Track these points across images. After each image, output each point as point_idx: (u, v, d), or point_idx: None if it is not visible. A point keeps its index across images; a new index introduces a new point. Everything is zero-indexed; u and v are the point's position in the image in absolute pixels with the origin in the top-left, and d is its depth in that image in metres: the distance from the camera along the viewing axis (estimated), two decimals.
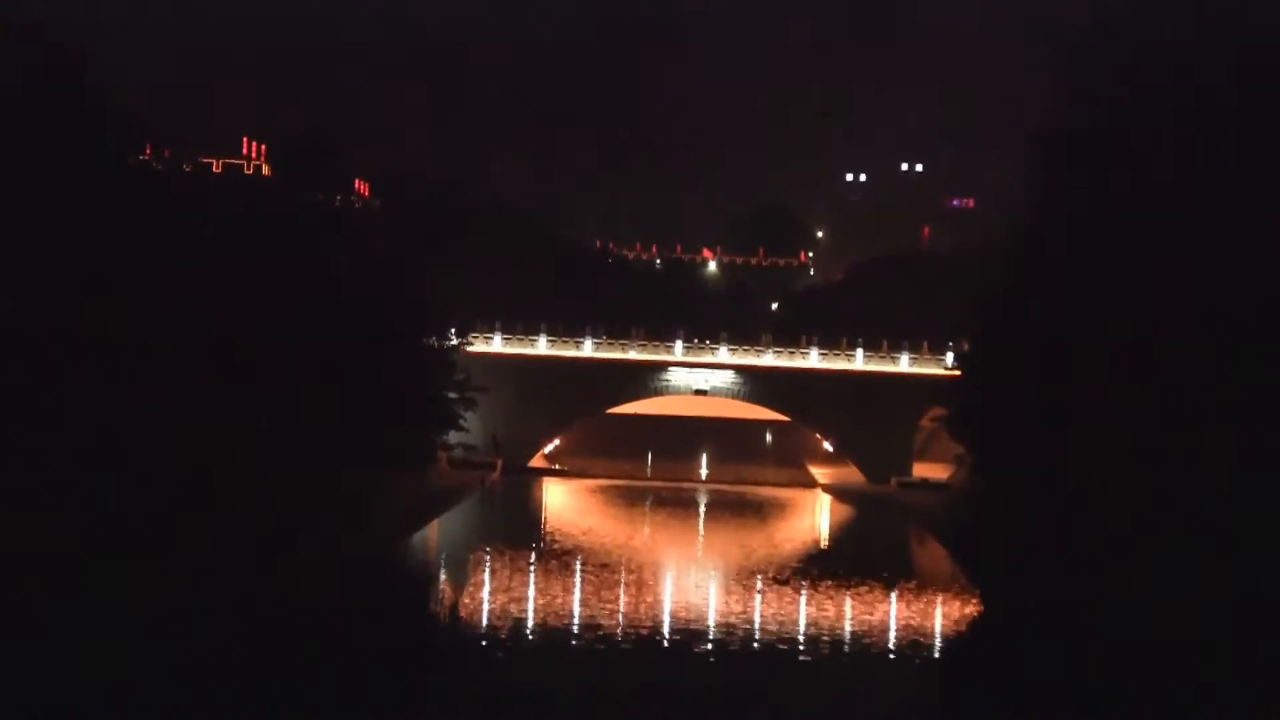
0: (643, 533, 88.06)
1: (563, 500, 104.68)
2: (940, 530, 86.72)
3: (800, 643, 54.24)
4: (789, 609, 61.22)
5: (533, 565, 70.12)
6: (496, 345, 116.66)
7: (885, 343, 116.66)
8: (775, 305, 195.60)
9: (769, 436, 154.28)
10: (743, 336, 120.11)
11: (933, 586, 68.94)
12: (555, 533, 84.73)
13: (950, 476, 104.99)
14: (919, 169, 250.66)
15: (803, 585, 67.17)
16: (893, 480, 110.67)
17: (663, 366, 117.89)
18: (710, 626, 56.28)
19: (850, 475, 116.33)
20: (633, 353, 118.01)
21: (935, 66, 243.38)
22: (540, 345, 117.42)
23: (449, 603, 61.30)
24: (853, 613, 61.17)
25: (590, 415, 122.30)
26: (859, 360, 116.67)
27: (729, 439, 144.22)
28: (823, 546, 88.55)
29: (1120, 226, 62.13)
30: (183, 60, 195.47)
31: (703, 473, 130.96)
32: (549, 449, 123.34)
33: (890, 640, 56.19)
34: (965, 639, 57.72)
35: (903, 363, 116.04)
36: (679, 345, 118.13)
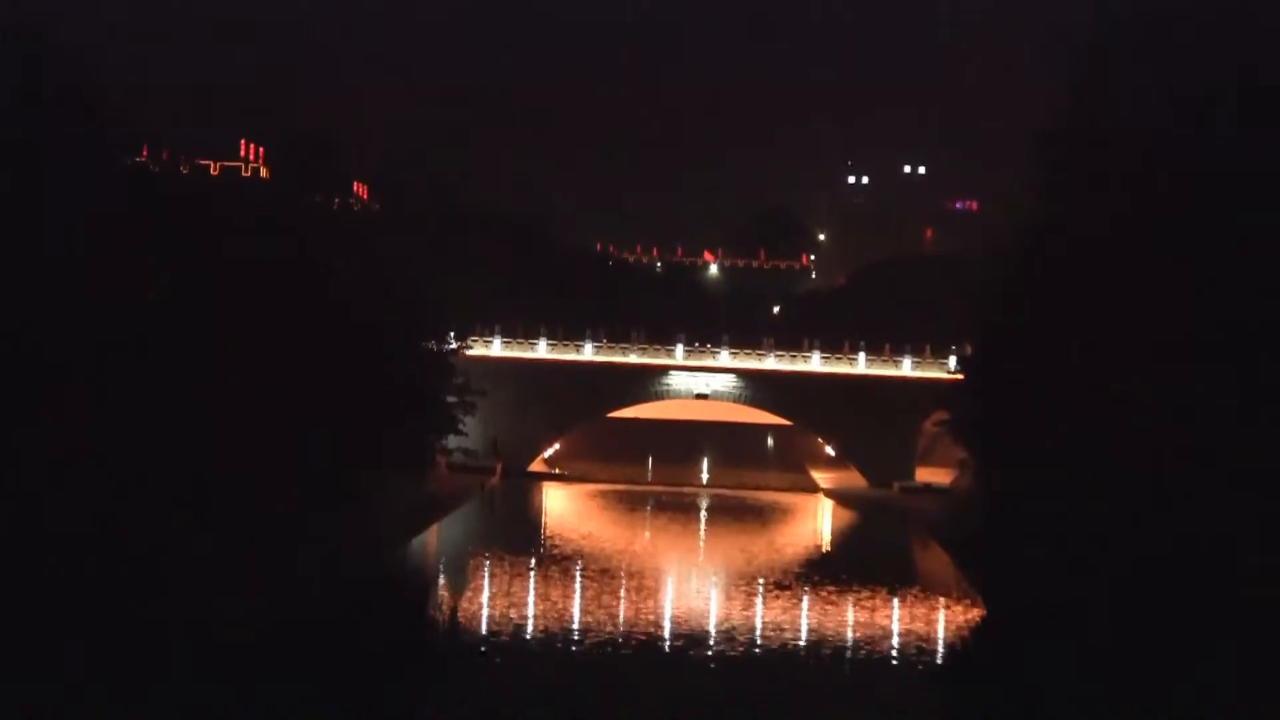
0: (643, 538, 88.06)
1: (563, 505, 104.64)
2: (943, 535, 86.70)
3: (802, 649, 54.26)
4: (791, 615, 61.23)
5: (533, 571, 70.14)
6: (496, 349, 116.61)
7: (887, 346, 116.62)
8: (777, 308, 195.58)
9: (770, 441, 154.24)
10: (744, 340, 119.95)
11: (935, 592, 68.95)
12: (555, 538, 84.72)
13: (953, 481, 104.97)
14: (921, 171, 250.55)
15: (804, 591, 67.20)
16: (895, 485, 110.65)
17: (663, 370, 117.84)
18: (711, 632, 56.30)
19: (852, 480, 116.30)
20: (633, 356, 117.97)
21: (936, 67, 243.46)
22: (540, 349, 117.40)
23: (448, 608, 61.34)
24: (855, 619, 61.17)
25: (590, 419, 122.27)
26: (861, 364, 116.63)
27: (730, 443, 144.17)
28: (824, 552, 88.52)
29: (1123, 227, 62.10)
30: (181, 61, 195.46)
31: (704, 477, 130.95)
32: (549, 453, 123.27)
33: (893, 646, 56.18)
34: (968, 645, 57.69)
35: (905, 366, 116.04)
36: (680, 349, 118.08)
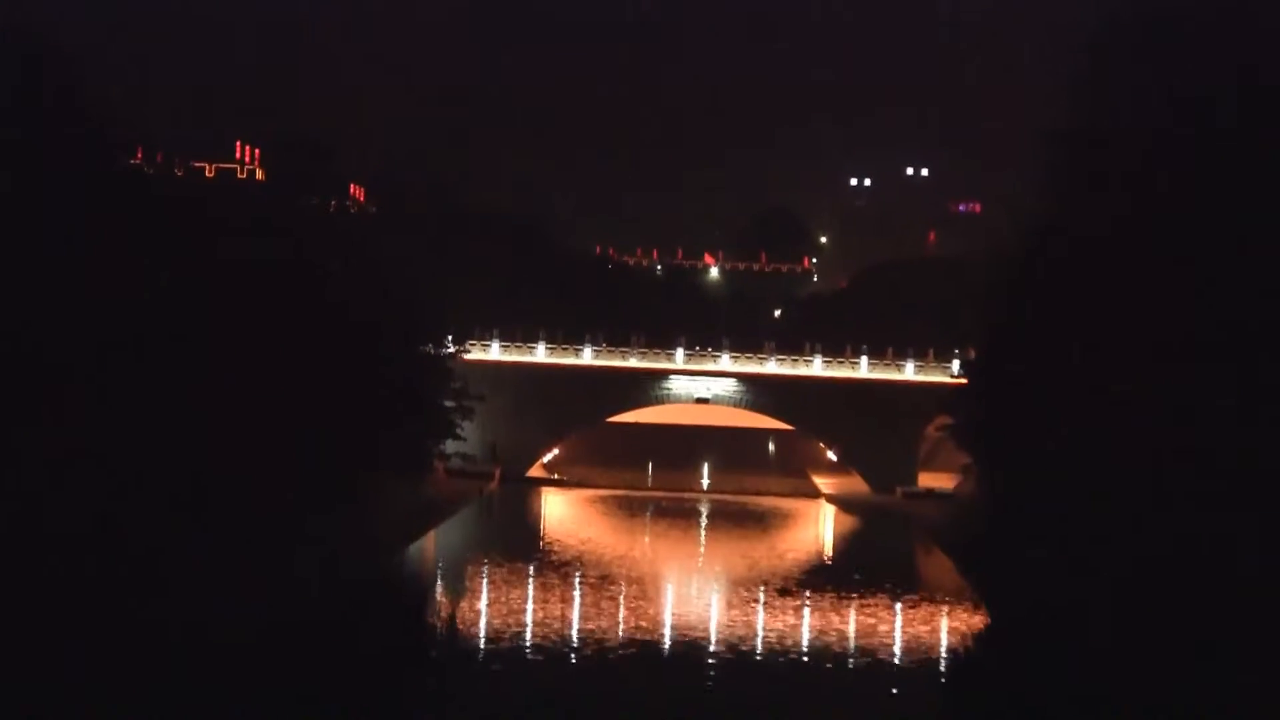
0: (643, 544, 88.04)
1: (562, 510, 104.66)
2: (946, 541, 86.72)
3: (804, 657, 54.26)
4: (792, 621, 61.24)
5: (531, 577, 70.15)
6: (494, 353, 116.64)
7: (890, 350, 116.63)
8: (778, 312, 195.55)
9: (772, 446, 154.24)
10: (745, 344, 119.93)
11: (938, 598, 68.95)
12: (554, 544, 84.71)
13: (956, 486, 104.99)
14: (924, 173, 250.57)
15: (806, 597, 67.22)
16: (898, 490, 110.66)
17: (664, 374, 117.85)
18: (712, 639, 56.31)
19: (854, 485, 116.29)
20: (633, 360, 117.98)
21: (936, 67, 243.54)
22: (539, 353, 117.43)
23: (446, 614, 61.36)
24: (857, 626, 61.20)
25: (590, 424, 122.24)
26: (863, 368, 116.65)
27: (731, 448, 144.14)
28: (826, 558, 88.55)
29: (1124, 228, 62.19)
30: (181, 61, 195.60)
31: (704, 483, 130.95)
32: (548, 458, 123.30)
33: (895, 654, 56.19)
34: (971, 651, 57.69)
35: (908, 370, 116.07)
36: (680, 353, 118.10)
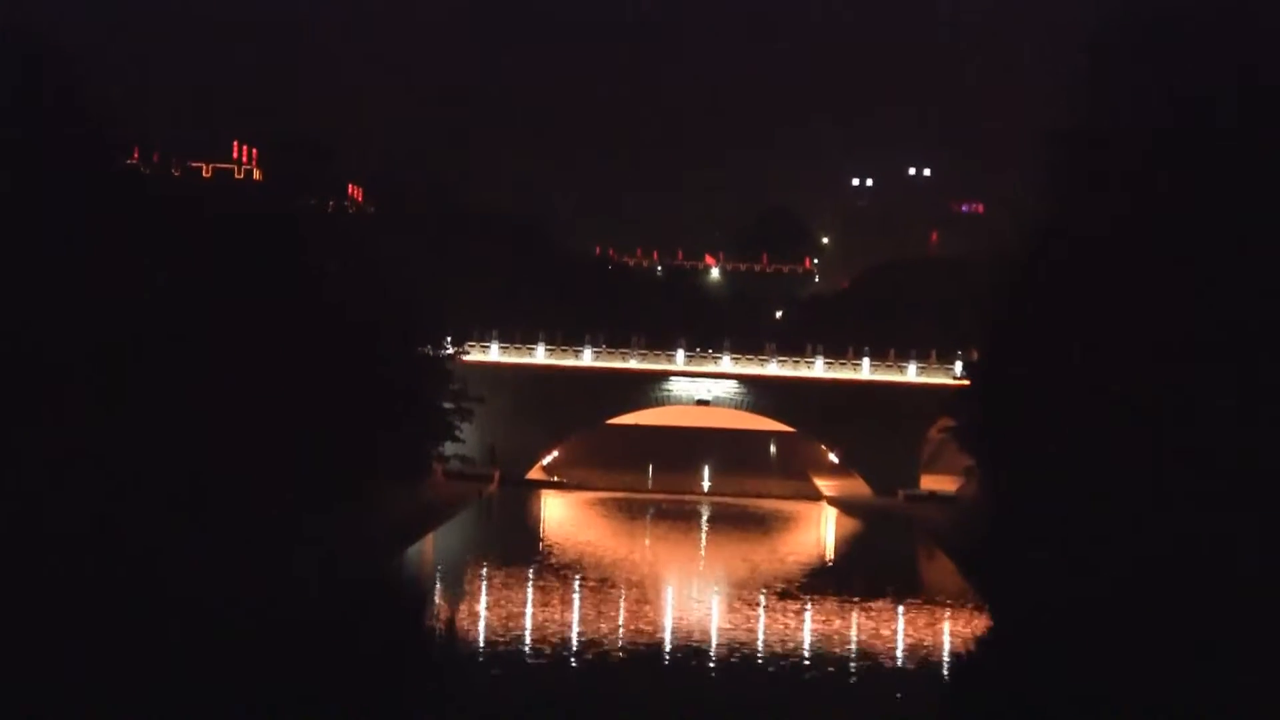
0: (643, 546, 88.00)
1: (561, 513, 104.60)
2: (948, 544, 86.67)
3: (805, 660, 54.19)
4: (793, 625, 61.18)
5: (530, 580, 70.09)
6: (493, 354, 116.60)
7: (892, 352, 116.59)
8: (779, 313, 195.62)
9: (773, 448, 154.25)
10: (746, 345, 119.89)
11: (941, 601, 68.88)
12: (554, 547, 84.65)
13: (959, 489, 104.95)
14: (927, 173, 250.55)
15: (807, 601, 67.16)
16: (900, 493, 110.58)
17: (664, 376, 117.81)
18: (712, 643, 56.25)
19: (856, 488, 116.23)
20: (633, 362, 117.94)
21: (936, 67, 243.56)
22: (538, 354, 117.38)
23: (444, 618, 61.29)
24: (859, 629, 61.14)
25: (590, 426, 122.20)
26: (865, 370, 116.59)
27: (732, 450, 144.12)
28: (828, 561, 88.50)
29: (1125, 228, 62.23)
30: (181, 61, 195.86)
31: (705, 485, 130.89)
32: (547, 461, 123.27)
33: (897, 657, 56.14)
34: (973, 655, 57.62)
35: (910, 372, 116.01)
36: (680, 354, 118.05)
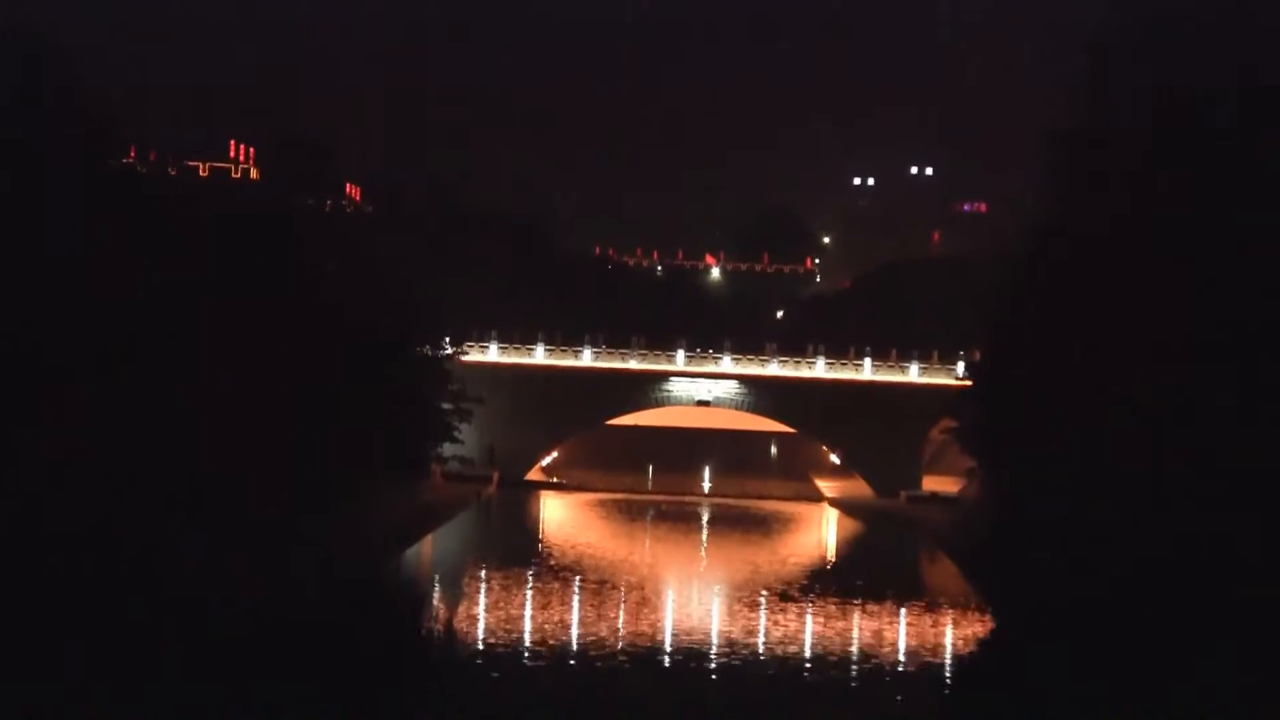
0: (643, 548, 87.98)
1: (561, 515, 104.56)
2: (951, 545, 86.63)
3: (806, 663, 54.15)
4: (795, 628, 61.12)
5: (530, 583, 70.03)
6: (492, 354, 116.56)
7: (894, 352, 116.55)
8: (780, 313, 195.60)
9: (774, 449, 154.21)
10: (747, 345, 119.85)
11: (943, 604, 68.83)
12: (553, 548, 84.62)
13: (961, 490, 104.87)
14: (929, 172, 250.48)
15: (809, 603, 67.12)
16: (902, 494, 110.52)
17: (664, 376, 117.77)
18: (713, 646, 56.20)
19: (858, 489, 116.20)
20: (633, 362, 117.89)
21: (936, 67, 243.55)
22: (538, 354, 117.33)
23: (443, 620, 61.25)
24: (860, 632, 61.09)
25: (589, 427, 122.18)
26: (867, 370, 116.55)
27: (732, 451, 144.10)
28: (829, 563, 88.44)
29: (1126, 228, 62.28)
30: (181, 61, 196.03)
31: (705, 486, 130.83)
32: (546, 462, 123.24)
33: (899, 660, 56.09)
34: (976, 657, 57.60)
35: (912, 373, 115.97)
36: (681, 355, 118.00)
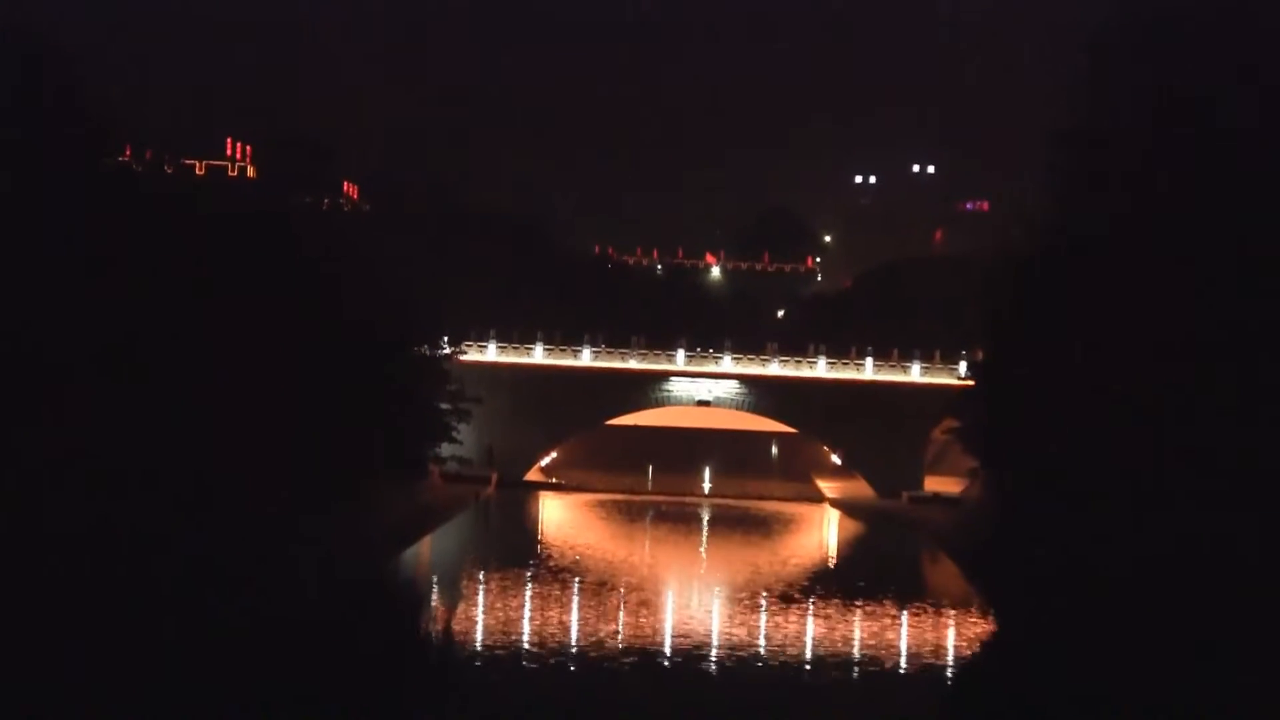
0: (643, 549, 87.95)
1: (560, 515, 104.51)
2: (952, 546, 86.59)
3: (807, 665, 54.12)
4: (795, 630, 61.08)
5: (529, 584, 69.97)
6: (491, 354, 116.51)
7: (896, 352, 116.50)
8: (781, 312, 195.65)
9: (774, 449, 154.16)
10: (747, 345, 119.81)
11: (945, 605, 68.78)
12: (552, 550, 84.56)
13: (963, 491, 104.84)
14: (930, 170, 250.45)
15: (810, 605, 67.09)
16: (904, 495, 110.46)
17: (664, 376, 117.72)
18: (714, 647, 56.17)
19: (859, 489, 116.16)
20: (633, 362, 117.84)
21: (936, 67, 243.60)
22: (537, 354, 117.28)
23: (441, 622, 61.21)
24: (862, 634, 61.05)
25: (588, 427, 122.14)
26: (868, 370, 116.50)
27: (733, 452, 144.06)
28: (831, 564, 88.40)
29: (1128, 228, 62.31)
30: (181, 61, 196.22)
31: (706, 487, 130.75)
32: (545, 462, 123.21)
33: (900, 662, 56.04)
34: (977, 661, 57.54)
35: (914, 372, 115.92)
36: (681, 354, 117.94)
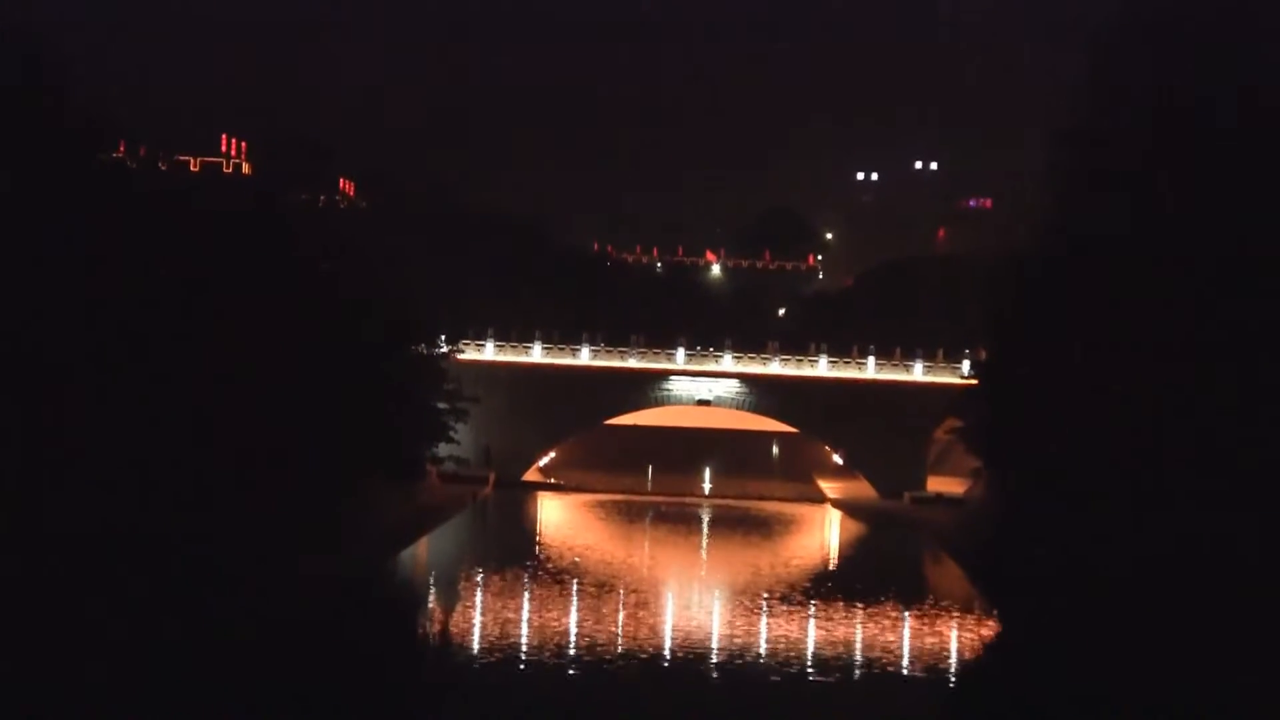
0: (643, 551, 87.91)
1: (558, 516, 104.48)
2: (955, 547, 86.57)
3: (808, 668, 54.07)
4: (796, 632, 61.04)
5: (527, 586, 69.92)
6: (489, 353, 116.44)
7: (898, 350, 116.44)
8: (782, 311, 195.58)
9: (775, 449, 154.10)
10: (748, 344, 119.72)
11: (947, 607, 68.75)
12: (551, 551, 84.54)
13: (966, 491, 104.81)
14: (933, 167, 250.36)
15: (811, 607, 67.05)
16: (906, 495, 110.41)
17: (664, 375, 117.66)
18: (714, 650, 56.13)
19: (861, 490, 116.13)
20: (632, 361, 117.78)
21: (936, 67, 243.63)
22: (535, 353, 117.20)
23: (439, 626, 61.14)
24: (864, 636, 61.01)
25: (587, 427, 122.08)
26: (870, 369, 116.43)
27: (733, 452, 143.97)
28: (832, 566, 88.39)
29: (1130, 227, 62.32)
30: (181, 61, 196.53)
31: (706, 487, 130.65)
32: (544, 462, 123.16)
33: (902, 665, 55.99)
34: (979, 663, 57.52)
35: (916, 371, 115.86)
36: (681, 353, 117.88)
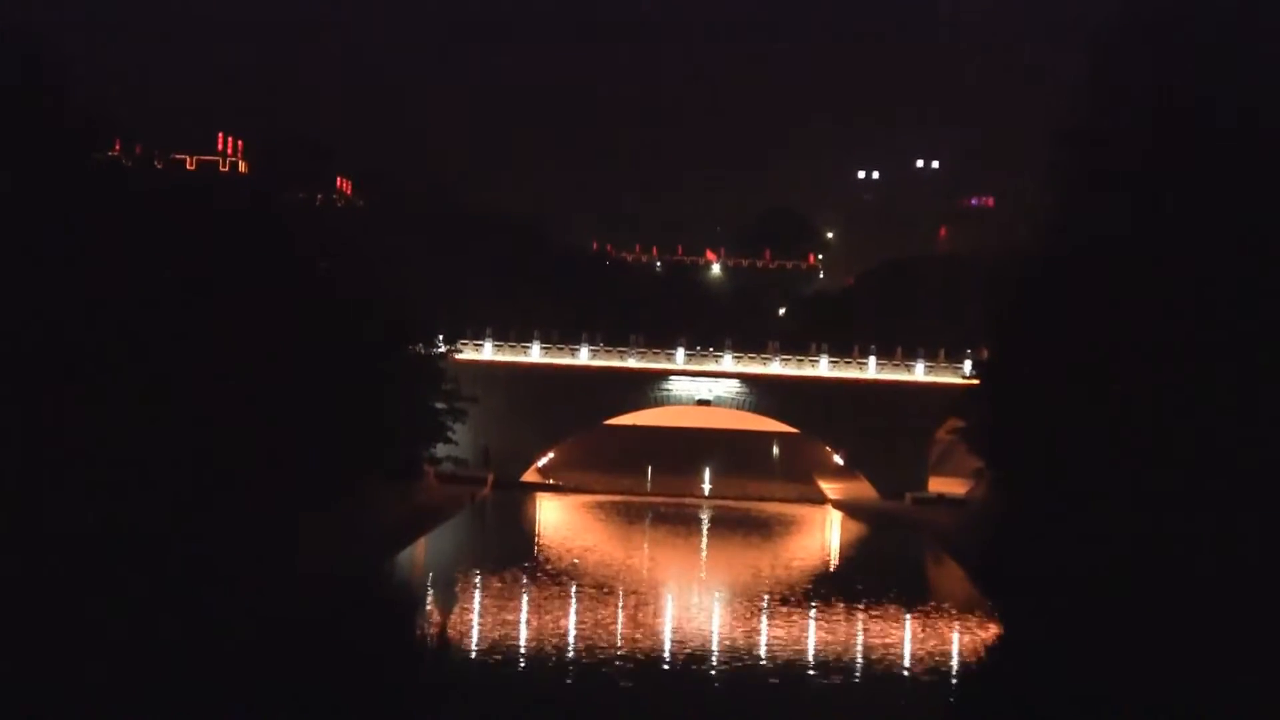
0: (642, 552, 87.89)
1: (557, 517, 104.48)
2: (957, 548, 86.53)
3: (809, 670, 54.06)
4: (797, 634, 61.02)
5: (525, 587, 69.89)
6: (487, 353, 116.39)
7: (899, 350, 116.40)
8: (782, 310, 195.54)
9: (776, 449, 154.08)
10: (748, 343, 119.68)
11: (949, 609, 68.72)
12: (549, 552, 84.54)
13: (968, 492, 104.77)
14: (935, 166, 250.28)
15: (812, 608, 67.03)
16: (907, 496, 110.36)
17: (663, 375, 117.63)
18: (714, 652, 56.11)
19: (862, 490, 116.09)
20: (632, 361, 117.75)
21: (936, 67, 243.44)
22: (534, 353, 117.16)
23: (436, 628, 61.09)
24: (865, 638, 61.00)
25: (587, 427, 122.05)
26: (871, 369, 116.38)
27: (734, 452, 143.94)
28: (833, 567, 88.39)
29: (1128, 228, 62.38)
30: (181, 61, 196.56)
31: (706, 488, 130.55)
32: (543, 463, 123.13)
33: (903, 667, 55.95)
34: (981, 665, 57.49)
35: (918, 371, 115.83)
36: (681, 353, 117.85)
